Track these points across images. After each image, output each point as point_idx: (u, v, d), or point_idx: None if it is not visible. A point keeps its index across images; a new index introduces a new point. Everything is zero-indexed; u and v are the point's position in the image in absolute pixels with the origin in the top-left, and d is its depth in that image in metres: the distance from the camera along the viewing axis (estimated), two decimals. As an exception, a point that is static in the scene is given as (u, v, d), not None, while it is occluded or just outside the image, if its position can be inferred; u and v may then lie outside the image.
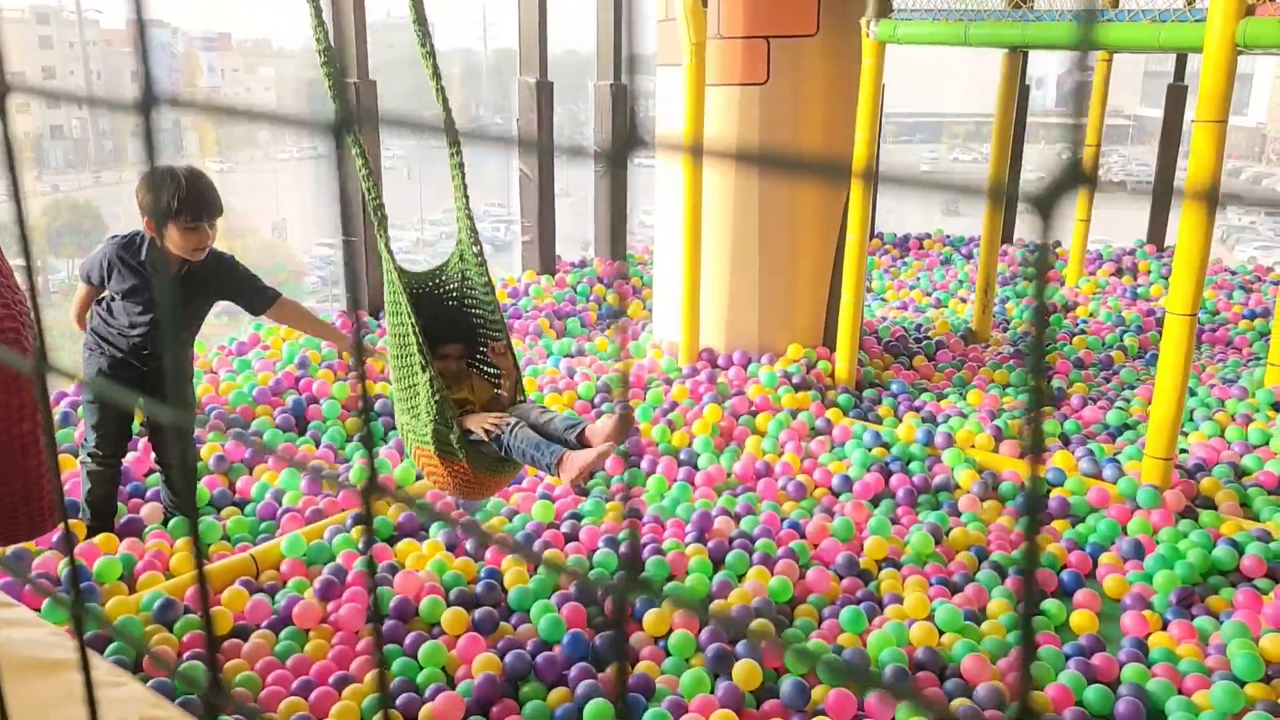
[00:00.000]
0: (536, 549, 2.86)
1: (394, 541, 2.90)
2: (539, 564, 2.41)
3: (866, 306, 4.90)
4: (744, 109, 4.06)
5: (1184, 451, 3.51)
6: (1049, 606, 2.68)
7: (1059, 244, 6.54)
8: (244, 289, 2.83)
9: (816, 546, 2.95)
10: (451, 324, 2.69)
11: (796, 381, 3.97)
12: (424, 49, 2.56)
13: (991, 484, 3.33)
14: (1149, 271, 5.97)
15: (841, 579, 2.79)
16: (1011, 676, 2.37)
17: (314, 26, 2.42)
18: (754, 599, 2.61)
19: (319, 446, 3.51)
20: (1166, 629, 2.61)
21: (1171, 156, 6.29)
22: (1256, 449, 3.52)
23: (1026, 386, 4.08)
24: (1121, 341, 4.77)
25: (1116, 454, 3.47)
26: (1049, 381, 4.22)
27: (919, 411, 3.84)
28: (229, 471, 3.30)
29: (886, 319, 5.06)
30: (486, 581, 2.67)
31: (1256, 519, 3.09)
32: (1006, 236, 6.71)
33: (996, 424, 3.63)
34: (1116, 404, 4.01)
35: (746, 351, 4.23)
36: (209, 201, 2.62)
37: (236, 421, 3.61)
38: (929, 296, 5.66)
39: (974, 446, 3.55)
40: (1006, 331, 5.02)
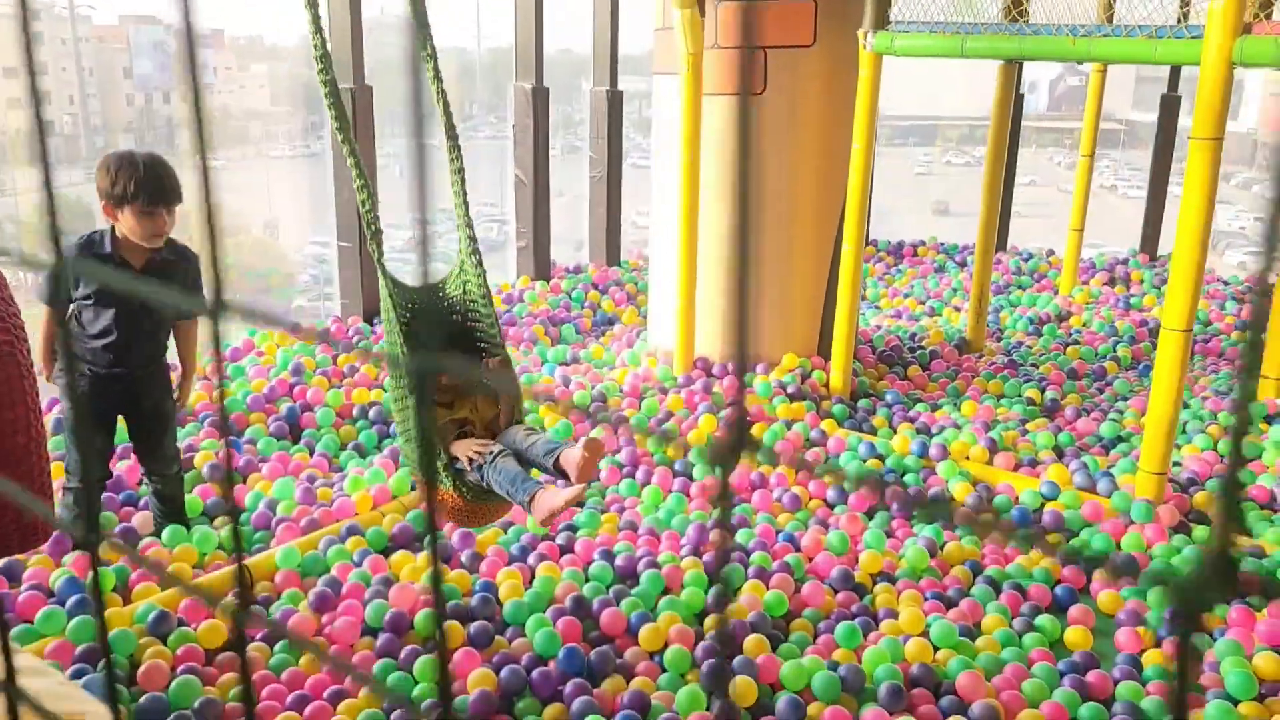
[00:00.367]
0: (531, 561, 2.86)
1: (388, 553, 2.89)
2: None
3: (861, 315, 4.90)
4: (741, 118, 4.05)
5: (1177, 465, 3.52)
6: (1043, 622, 2.68)
7: (1052, 252, 6.56)
8: (197, 288, 2.80)
9: (811, 560, 2.95)
10: (453, 339, 2.64)
11: (791, 392, 3.98)
12: (425, 51, 2.49)
13: (986, 498, 3.34)
14: (1142, 281, 5.99)
15: (837, 593, 2.80)
16: (1007, 694, 2.37)
17: (312, 33, 2.39)
18: (750, 614, 2.62)
19: (313, 455, 3.50)
20: (1160, 646, 2.62)
21: (1165, 165, 6.32)
22: (1249, 463, 3.53)
23: (1019, 397, 4.09)
24: (1115, 352, 4.79)
25: (1110, 467, 3.49)
26: (1042, 393, 4.23)
27: (913, 423, 3.85)
28: (220, 480, 3.29)
29: (881, 328, 5.06)
30: (482, 595, 2.66)
31: (1249, 535, 3.11)
32: (1000, 244, 6.73)
33: (990, 436, 3.64)
34: (1110, 415, 4.02)
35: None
36: (167, 187, 2.59)
37: (230, 429, 3.60)
38: (923, 304, 5.67)
39: (968, 459, 3.56)
40: (1000, 341, 5.03)
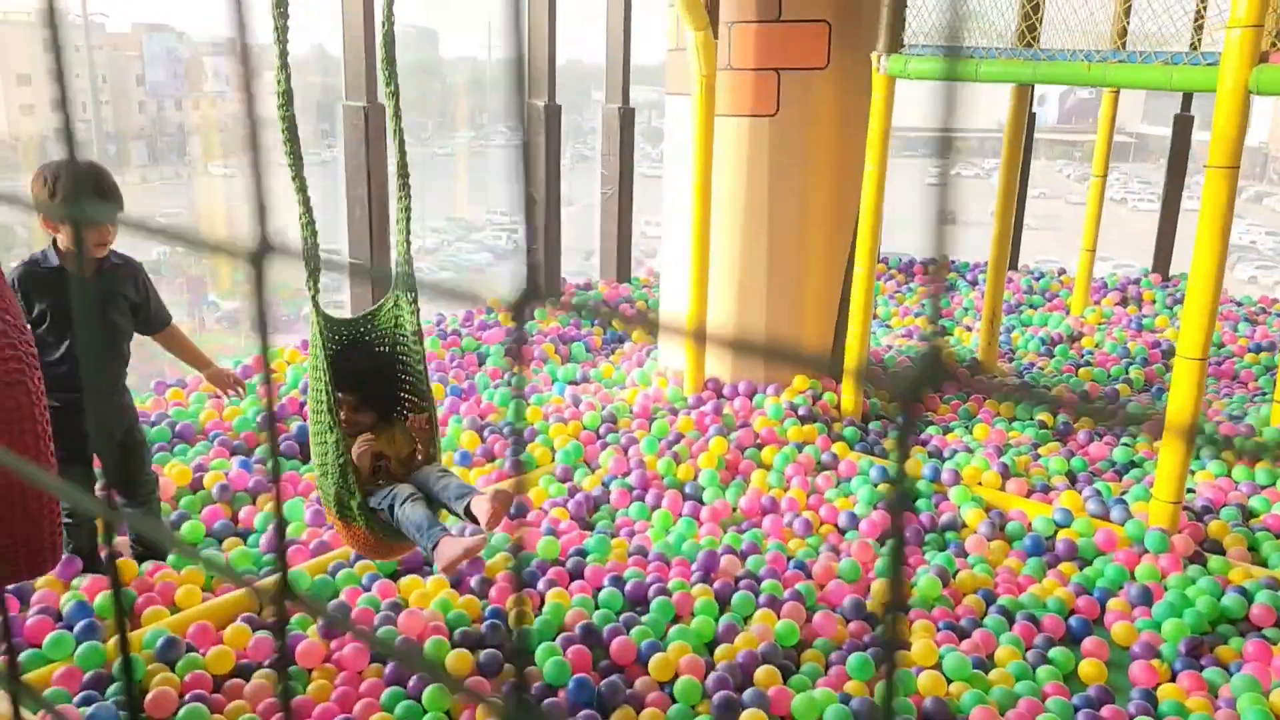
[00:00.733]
0: (541, 587, 2.84)
1: (397, 578, 2.88)
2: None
3: (872, 335, 4.89)
4: (754, 140, 4.05)
5: (1191, 491, 3.49)
6: (1056, 655, 2.66)
7: (1063, 271, 6.54)
8: (149, 298, 2.77)
9: (823, 588, 2.93)
10: (379, 373, 2.63)
11: (802, 413, 3.96)
12: (389, 89, 2.49)
13: (998, 525, 3.31)
14: (1154, 301, 5.96)
15: (848, 622, 2.78)
16: (1020, 729, 2.35)
17: (277, 68, 2.30)
18: (760, 643, 2.60)
19: (323, 475, 3.49)
20: (1175, 680, 2.59)
21: (1178, 185, 6.30)
22: (1264, 490, 3.50)
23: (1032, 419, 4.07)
24: (1127, 374, 4.76)
25: (1124, 493, 3.46)
26: (1055, 416, 4.21)
27: (925, 446, 3.83)
28: (232, 501, 3.28)
29: (892, 348, 5.05)
30: (491, 622, 2.65)
31: (1265, 565, 3.08)
32: (1012, 263, 6.71)
33: (1003, 461, 3.62)
34: (1123, 440, 3.99)
35: (752, 382, 4.22)
36: (107, 195, 2.52)
37: (240, 449, 3.60)
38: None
39: (980, 484, 3.54)
40: (1012, 362, 5.01)
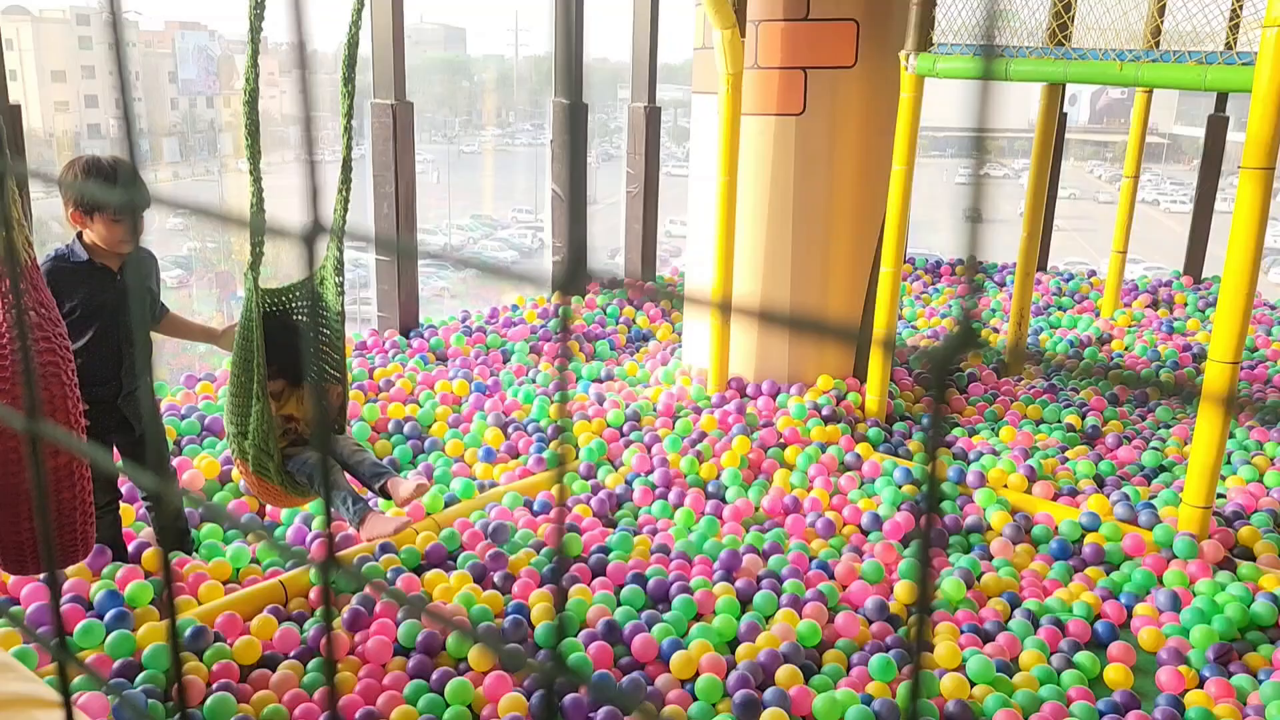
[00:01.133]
0: (564, 583, 2.85)
1: (421, 572, 2.90)
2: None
3: (897, 335, 4.86)
4: (780, 139, 4.04)
5: (1221, 496, 3.45)
6: (1082, 659, 2.64)
7: (1094, 273, 6.47)
8: (157, 291, 2.82)
9: (845, 589, 2.92)
10: (292, 341, 2.73)
11: (826, 414, 3.95)
12: (345, 89, 2.58)
13: (1024, 528, 3.29)
14: (1185, 304, 5.89)
15: (871, 624, 2.77)
16: (1044, 734, 2.33)
17: (248, 67, 2.42)
18: (782, 643, 2.59)
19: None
20: (1203, 686, 2.56)
21: (1211, 187, 6.22)
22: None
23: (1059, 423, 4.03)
24: (1157, 377, 4.71)
25: (1152, 497, 3.42)
26: (1083, 419, 4.17)
27: (950, 448, 3.81)
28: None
29: (918, 349, 5.01)
30: (514, 617, 2.66)
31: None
32: (1041, 263, 6.65)
33: (1029, 464, 3.59)
34: (1152, 444, 3.95)
35: (776, 381, 4.21)
36: (132, 198, 2.57)
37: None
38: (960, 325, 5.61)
39: (1006, 487, 3.51)
40: (1040, 364, 4.96)
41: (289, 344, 2.70)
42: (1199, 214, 6.26)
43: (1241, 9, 4.02)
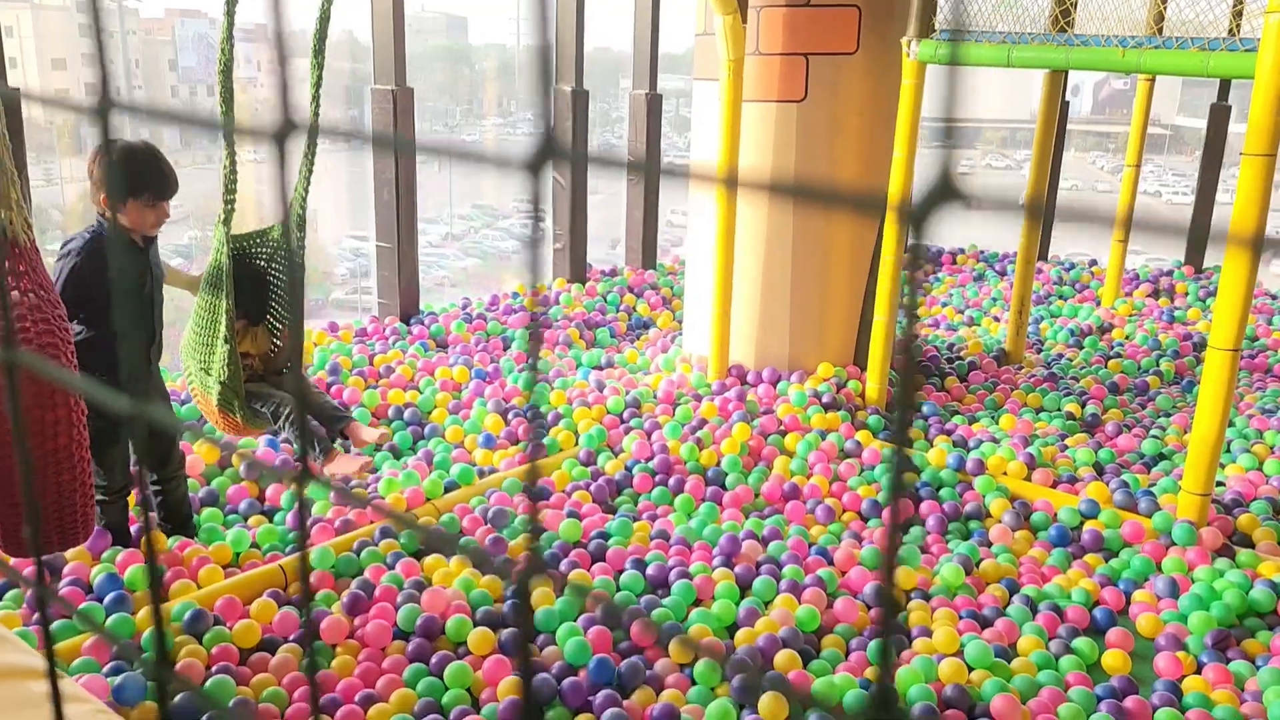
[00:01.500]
0: (563, 569, 2.86)
1: (420, 556, 2.90)
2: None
3: (898, 324, 4.86)
4: (781, 126, 4.03)
5: (1221, 484, 3.45)
6: (1080, 645, 2.64)
7: (1095, 262, 6.46)
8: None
9: (844, 574, 2.92)
10: (255, 284, 2.93)
11: (826, 401, 3.95)
12: (314, 60, 2.73)
13: (1023, 514, 3.29)
14: (1186, 294, 5.89)
15: (870, 609, 2.77)
16: (1043, 718, 2.34)
17: (222, 40, 2.61)
18: (781, 628, 2.60)
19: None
20: (1201, 672, 2.57)
21: (1213, 177, 6.20)
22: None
23: (1059, 410, 4.03)
24: (1158, 366, 4.70)
25: (1152, 485, 3.43)
26: (1083, 407, 4.17)
27: (950, 435, 3.81)
28: (260, 479, 3.32)
29: (918, 337, 5.01)
30: (513, 601, 2.66)
31: (1296, 559, 3.03)
32: (1042, 253, 6.64)
33: (1029, 451, 3.59)
34: (1152, 432, 3.95)
35: (776, 369, 4.21)
36: (170, 180, 2.63)
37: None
38: (961, 314, 5.61)
39: (1006, 474, 3.51)
40: (1040, 353, 4.96)
41: (253, 288, 2.92)
42: (1200, 203, 6.25)
43: (1245, -4, 4.00)
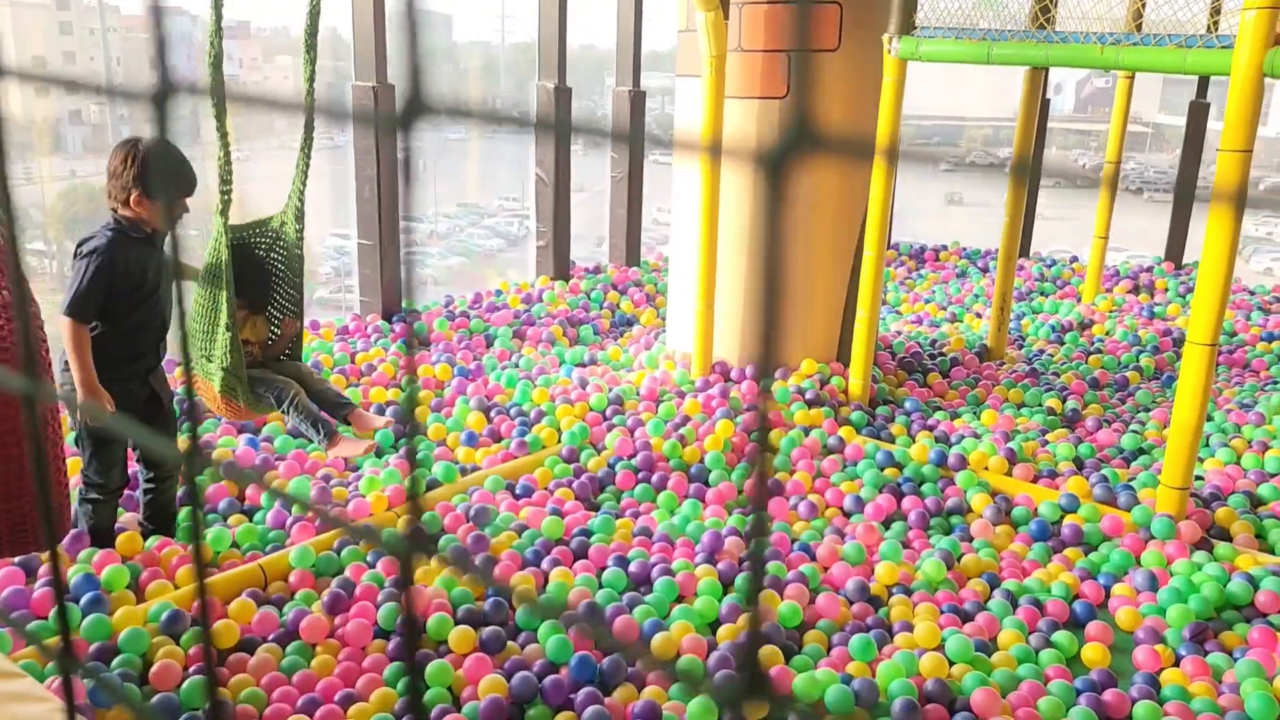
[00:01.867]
0: (545, 566, 2.85)
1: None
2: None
3: (881, 320, 4.87)
4: (763, 122, 4.03)
5: (1199, 478, 3.47)
6: (1060, 638, 2.65)
7: (1075, 259, 6.49)
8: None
9: (827, 570, 2.93)
10: (256, 274, 2.95)
11: (810, 397, 3.95)
12: (308, 55, 2.84)
13: (1004, 509, 3.30)
14: (1166, 289, 5.92)
15: (852, 604, 2.78)
16: (1023, 711, 2.35)
17: (211, 33, 2.59)
18: (763, 624, 2.60)
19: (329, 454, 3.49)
20: (1179, 665, 2.58)
21: (1192, 173, 6.25)
22: (1273, 478, 3.48)
23: (1040, 406, 4.05)
24: (1138, 362, 4.73)
25: (1131, 479, 3.45)
26: (1063, 402, 4.19)
27: (932, 431, 3.82)
28: (239, 478, 3.30)
29: (901, 333, 5.03)
30: (495, 599, 2.66)
31: (1272, 552, 3.06)
32: (1024, 249, 6.67)
33: (1010, 446, 3.60)
34: (1132, 426, 3.97)
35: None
36: (191, 178, 2.65)
37: (248, 426, 3.61)
38: (944, 310, 5.63)
39: (987, 469, 3.52)
40: (1022, 349, 4.99)
41: (254, 276, 2.95)
42: (1180, 199, 6.29)
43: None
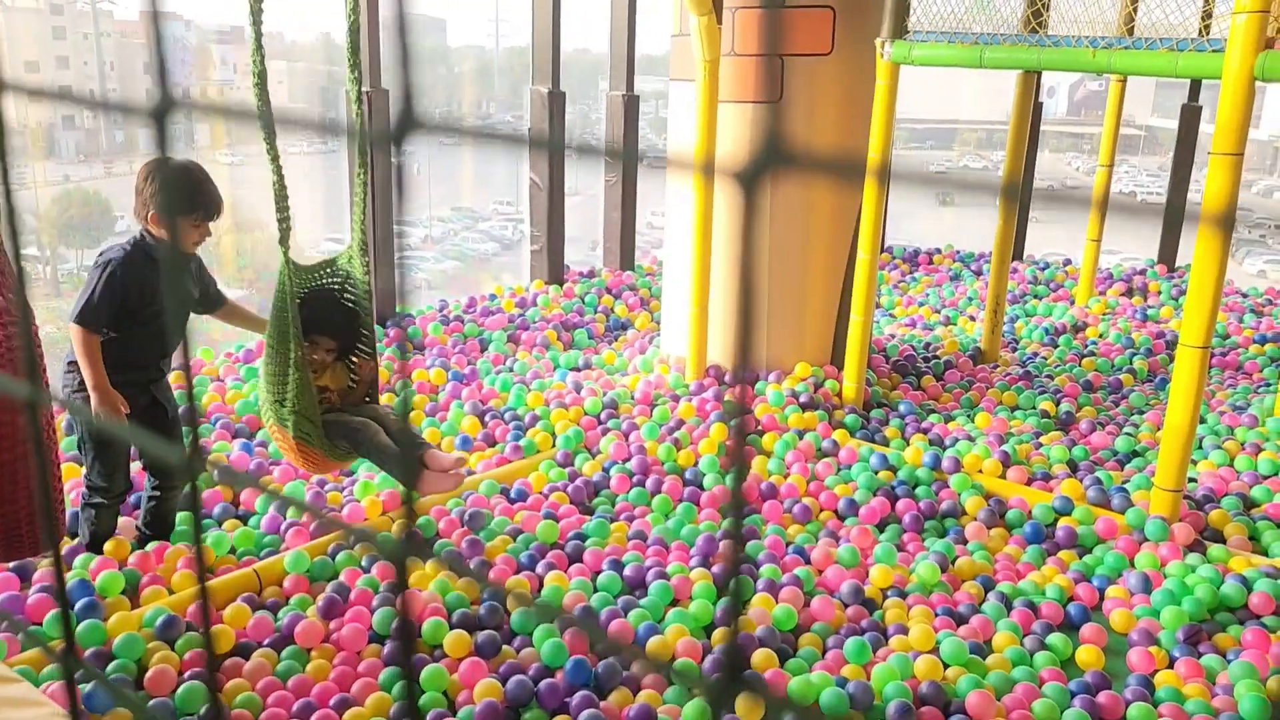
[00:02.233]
0: (539, 570, 2.85)
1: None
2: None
3: (875, 323, 4.88)
4: (757, 126, 4.04)
5: (1192, 481, 3.48)
6: (1054, 641, 2.66)
7: (1069, 262, 6.51)
8: (210, 284, 2.91)
9: (821, 573, 2.93)
10: (328, 315, 2.82)
11: (804, 401, 3.96)
12: (352, 75, 2.64)
13: (998, 512, 3.31)
14: (1159, 292, 5.94)
15: (846, 607, 2.78)
16: (1018, 714, 2.35)
17: (253, 51, 2.57)
18: (758, 627, 2.60)
19: (324, 458, 3.49)
20: (1173, 667, 2.59)
21: (1184, 176, 6.27)
22: (1266, 480, 3.49)
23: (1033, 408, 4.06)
24: (1131, 364, 4.75)
25: (1125, 482, 3.46)
26: (1057, 405, 4.20)
27: (926, 434, 3.82)
28: (234, 482, 3.29)
29: (895, 337, 5.04)
30: (490, 603, 2.66)
31: (1265, 554, 3.07)
32: (1017, 253, 6.69)
33: (1004, 449, 3.61)
34: (1125, 429, 3.98)
35: (754, 369, 4.22)
36: (219, 200, 2.67)
37: (243, 431, 3.61)
38: (938, 314, 5.64)
39: (981, 472, 3.53)
40: (1015, 352, 5.00)
41: (343, 319, 2.83)
42: (1173, 201, 6.31)
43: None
